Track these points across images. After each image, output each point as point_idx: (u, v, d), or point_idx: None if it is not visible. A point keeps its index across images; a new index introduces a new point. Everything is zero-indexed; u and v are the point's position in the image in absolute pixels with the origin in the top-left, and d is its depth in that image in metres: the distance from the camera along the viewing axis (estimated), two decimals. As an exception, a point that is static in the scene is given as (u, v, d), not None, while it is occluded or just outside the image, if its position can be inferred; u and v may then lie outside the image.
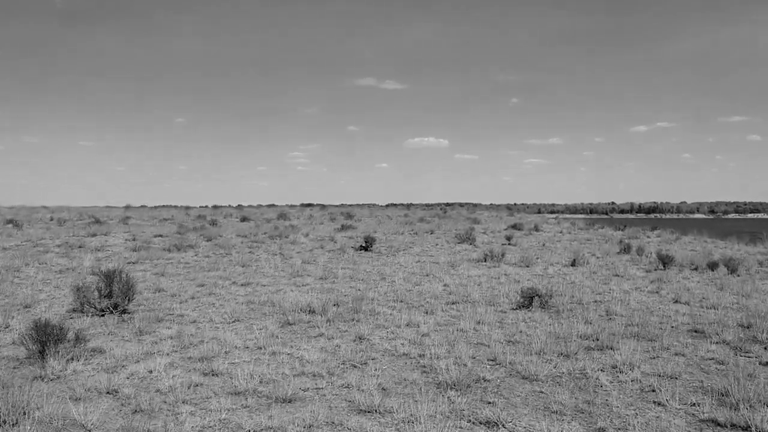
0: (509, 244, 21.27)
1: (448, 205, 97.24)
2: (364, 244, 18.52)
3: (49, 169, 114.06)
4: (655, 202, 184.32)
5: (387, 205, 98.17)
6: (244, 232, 22.09)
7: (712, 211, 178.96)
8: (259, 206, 68.66)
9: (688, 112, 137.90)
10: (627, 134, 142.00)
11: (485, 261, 16.14)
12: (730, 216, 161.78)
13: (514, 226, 25.65)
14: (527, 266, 15.32)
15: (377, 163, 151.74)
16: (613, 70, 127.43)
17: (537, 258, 17.09)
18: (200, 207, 42.15)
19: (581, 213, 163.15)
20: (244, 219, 33.08)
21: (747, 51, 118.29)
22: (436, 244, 20.40)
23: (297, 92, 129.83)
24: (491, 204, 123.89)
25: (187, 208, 44.19)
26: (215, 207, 45.97)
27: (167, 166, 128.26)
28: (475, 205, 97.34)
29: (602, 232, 26.87)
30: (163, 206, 43.90)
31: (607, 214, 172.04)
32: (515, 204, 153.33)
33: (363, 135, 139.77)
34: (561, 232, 25.85)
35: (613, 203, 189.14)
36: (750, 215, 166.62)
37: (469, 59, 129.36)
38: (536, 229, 25.62)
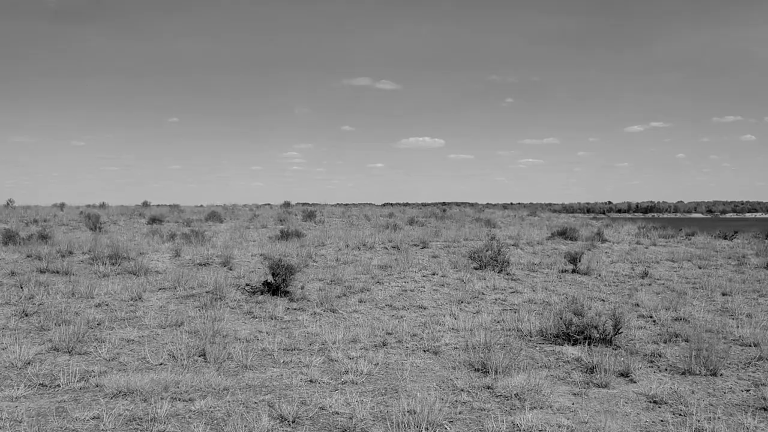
0: (575, 270, 11.13)
1: (446, 204, 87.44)
2: (272, 280, 8.27)
3: (41, 169, 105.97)
4: (651, 202, 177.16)
5: (383, 205, 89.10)
6: (79, 247, 11.66)
7: (709, 211, 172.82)
8: (254, 206, 60.92)
9: (682, 112, 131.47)
10: (621, 134, 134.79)
11: (568, 340, 5.94)
12: (728, 215, 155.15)
13: (563, 234, 15.55)
14: (696, 373, 5.10)
15: (372, 162, 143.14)
16: (607, 71, 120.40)
17: (684, 313, 6.90)
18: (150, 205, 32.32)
19: (578, 212, 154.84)
20: (153, 221, 22.71)
21: (740, 52, 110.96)
22: (433, 273, 10.18)
23: (291, 92, 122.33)
24: (487, 204, 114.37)
25: (101, 206, 33.54)
26: (145, 204, 35.38)
27: (160, 166, 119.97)
28: (471, 205, 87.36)
29: (701, 241, 16.67)
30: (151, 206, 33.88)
31: (604, 213, 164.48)
32: (511, 203, 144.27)
33: (358, 135, 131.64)
34: (639, 243, 15.68)
35: (609, 203, 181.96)
36: (748, 215, 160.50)
37: (464, 59, 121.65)
38: (601, 237, 15.44)
